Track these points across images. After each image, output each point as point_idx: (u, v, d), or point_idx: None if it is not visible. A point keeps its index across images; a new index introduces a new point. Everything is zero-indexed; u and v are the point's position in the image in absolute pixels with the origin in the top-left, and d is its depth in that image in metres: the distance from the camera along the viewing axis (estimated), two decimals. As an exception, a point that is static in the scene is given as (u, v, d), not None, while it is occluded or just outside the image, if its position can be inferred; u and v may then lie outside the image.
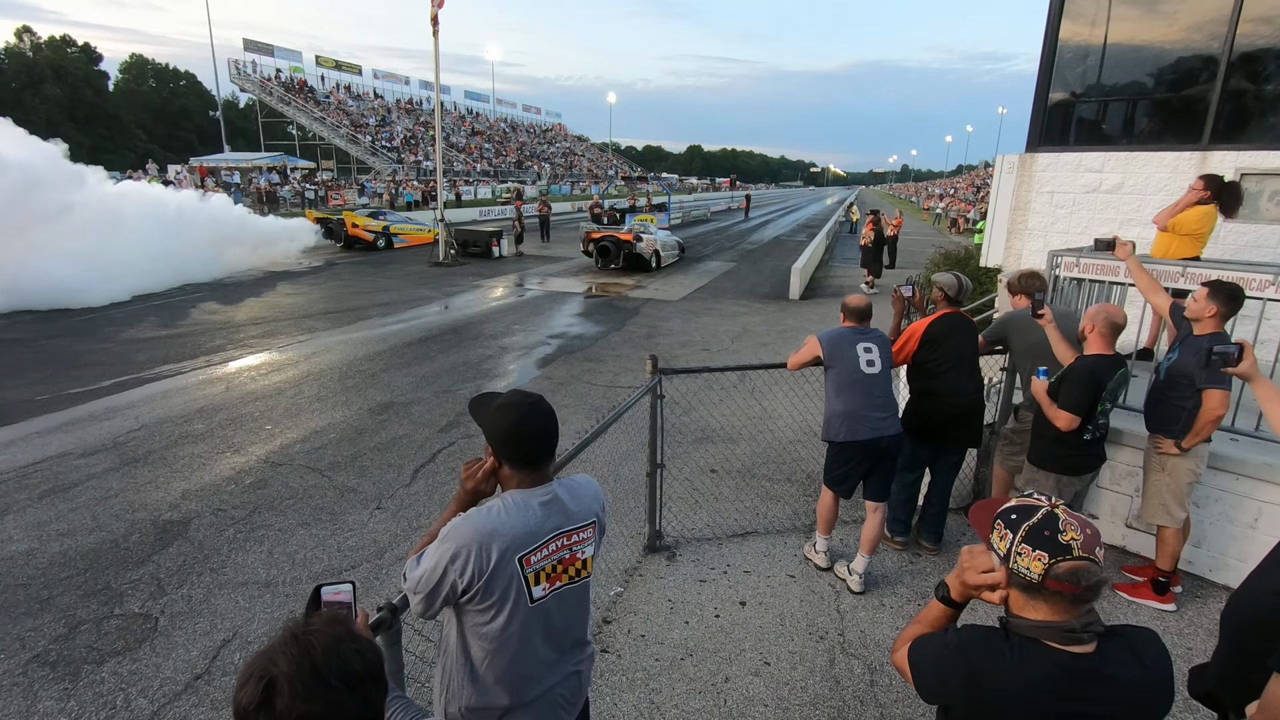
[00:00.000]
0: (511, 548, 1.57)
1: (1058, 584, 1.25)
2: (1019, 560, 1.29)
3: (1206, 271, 4.09)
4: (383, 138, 48.11)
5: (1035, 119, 6.79)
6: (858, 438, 3.76)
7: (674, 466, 5.12)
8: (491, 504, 1.64)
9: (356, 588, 1.45)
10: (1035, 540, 1.27)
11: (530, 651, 1.66)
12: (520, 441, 1.63)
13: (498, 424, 1.64)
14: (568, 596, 1.71)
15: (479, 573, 1.54)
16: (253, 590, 3.94)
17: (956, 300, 4.14)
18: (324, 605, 1.39)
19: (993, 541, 1.35)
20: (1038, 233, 6.78)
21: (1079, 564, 1.25)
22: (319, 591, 1.40)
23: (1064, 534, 1.26)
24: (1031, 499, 1.34)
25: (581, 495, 1.73)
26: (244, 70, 46.70)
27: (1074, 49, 6.61)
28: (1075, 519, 1.29)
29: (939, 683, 1.39)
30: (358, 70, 56.19)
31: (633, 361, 9.00)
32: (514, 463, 1.65)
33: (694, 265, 19.53)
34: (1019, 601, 1.33)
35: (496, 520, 1.58)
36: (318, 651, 0.99)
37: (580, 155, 78.08)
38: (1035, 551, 1.26)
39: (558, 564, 1.65)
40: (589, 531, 1.72)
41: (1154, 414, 3.68)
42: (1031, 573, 1.27)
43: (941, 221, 41.35)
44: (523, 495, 1.64)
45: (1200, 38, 6.01)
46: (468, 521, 1.58)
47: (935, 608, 1.52)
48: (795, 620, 3.67)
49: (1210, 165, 5.66)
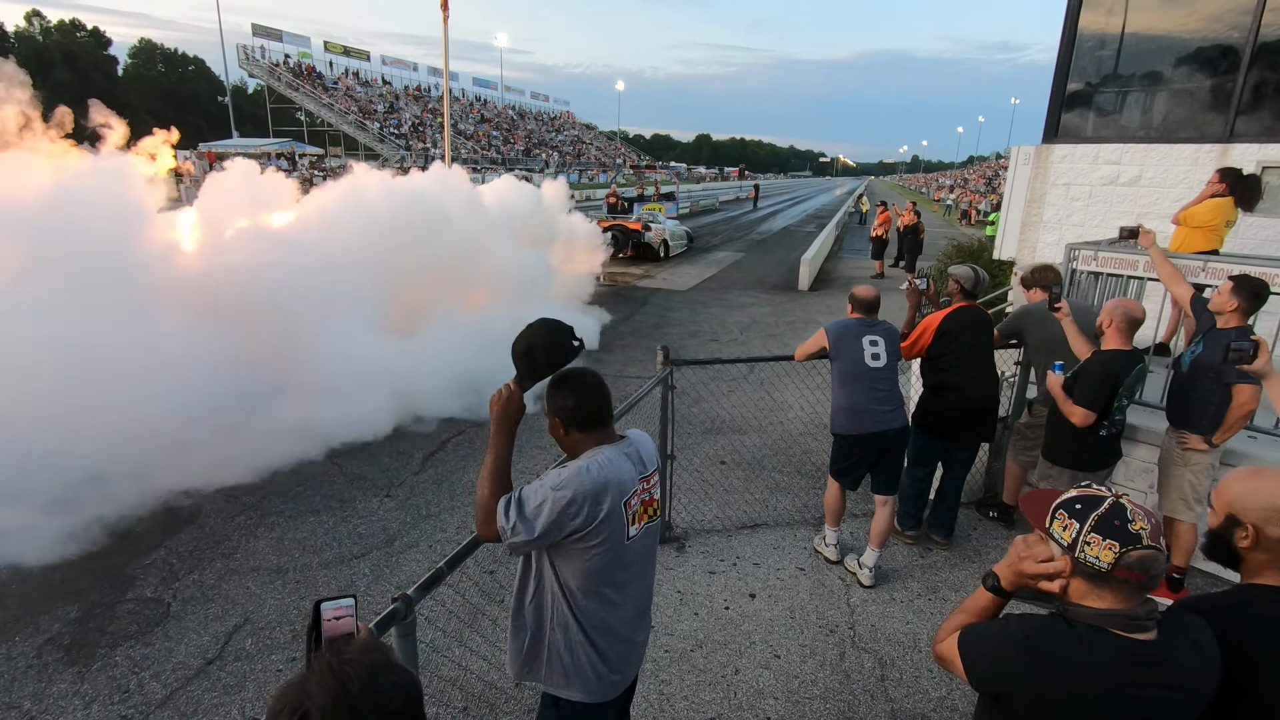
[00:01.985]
0: (617, 495, 1.77)
1: (1128, 572, 1.26)
2: (1087, 549, 1.29)
3: (1228, 266, 4.04)
4: (390, 124, 48.03)
5: (1052, 110, 6.70)
6: (862, 431, 3.75)
7: (683, 458, 5.10)
8: (596, 458, 1.80)
9: (357, 602, 1.44)
10: (1105, 529, 1.28)
11: (615, 582, 1.86)
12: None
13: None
14: (649, 533, 1.95)
15: (592, 517, 1.72)
16: (263, 576, 3.96)
17: (972, 294, 4.09)
18: (324, 622, 1.34)
19: (1054, 531, 1.35)
20: (1053, 225, 6.71)
21: (1148, 552, 1.26)
22: (319, 607, 1.35)
23: (1133, 523, 1.27)
24: (1092, 489, 1.35)
25: (648, 445, 1.98)
26: (253, 56, 46.64)
27: (1093, 38, 6.51)
28: (1141, 509, 1.30)
29: (999, 671, 1.39)
30: (366, 56, 56.05)
31: (640, 351, 8.97)
32: (587, 425, 1.84)
33: (702, 255, 19.46)
34: (1081, 590, 1.33)
35: (607, 473, 1.77)
36: (354, 684, 0.95)
37: (588, 143, 77.77)
38: (1106, 540, 1.27)
39: (642, 505, 1.88)
40: (656, 476, 1.96)
41: (1177, 408, 3.63)
42: (1101, 561, 1.27)
43: (952, 213, 41.06)
44: (615, 450, 1.84)
45: (1222, 27, 5.90)
46: (583, 474, 1.74)
47: (982, 597, 1.52)
48: (805, 613, 3.67)
49: (1231, 158, 5.58)
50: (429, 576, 1.93)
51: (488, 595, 3.69)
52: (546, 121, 75.39)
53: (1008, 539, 4.45)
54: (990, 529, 4.58)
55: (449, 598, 3.52)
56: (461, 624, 3.43)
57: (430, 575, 1.94)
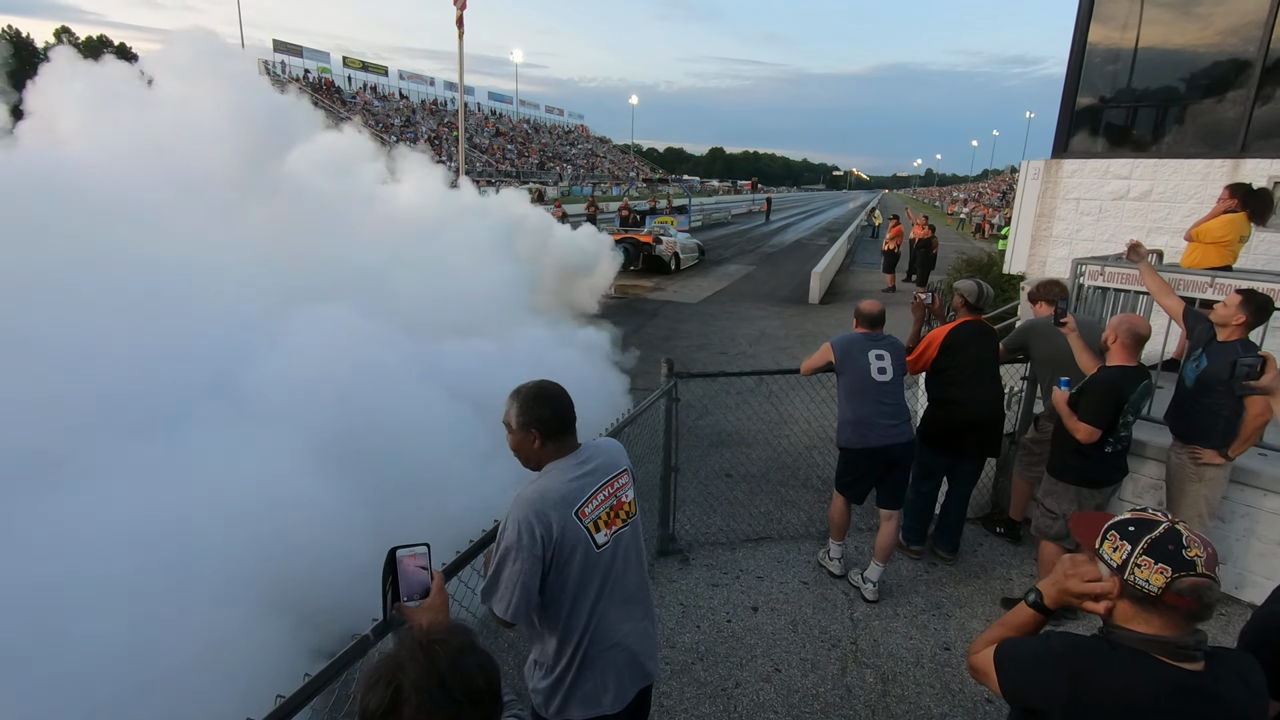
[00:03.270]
0: (563, 504, 1.75)
1: (1178, 599, 1.24)
2: (1137, 572, 1.27)
3: (1235, 282, 4.01)
4: (407, 138, 48.66)
5: (1062, 124, 6.69)
6: (868, 445, 3.74)
7: (688, 470, 5.11)
8: (537, 479, 1.82)
9: (431, 548, 1.52)
10: (1158, 554, 1.26)
11: (601, 595, 1.84)
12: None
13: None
14: (625, 539, 1.92)
15: (547, 534, 1.71)
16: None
17: (977, 307, 4.09)
18: (399, 566, 1.47)
19: (1104, 552, 1.34)
20: (1063, 240, 6.68)
21: (1201, 580, 1.23)
22: (394, 554, 1.47)
23: (1188, 550, 1.25)
24: (1148, 513, 1.33)
25: (608, 448, 1.97)
26: (274, 71, 47.52)
27: (1103, 53, 6.51)
28: (1198, 536, 1.28)
29: (1035, 686, 1.38)
30: (384, 71, 56.95)
31: (650, 364, 8.97)
32: (551, 435, 1.82)
33: (714, 268, 19.50)
34: (1128, 613, 1.31)
35: (541, 485, 1.78)
36: (443, 662, 1.02)
37: (602, 157, 78.32)
38: (1157, 564, 1.25)
39: (610, 510, 1.86)
40: (625, 477, 1.94)
41: (1184, 423, 3.60)
42: (1151, 585, 1.25)
43: (966, 227, 40.88)
44: (561, 462, 1.84)
45: (1235, 42, 5.88)
46: (517, 502, 1.75)
47: (1024, 613, 1.51)
48: (808, 627, 3.65)
49: (1243, 173, 5.54)
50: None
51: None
52: (561, 135, 76.08)
53: (1014, 555, 4.41)
54: (996, 545, 4.54)
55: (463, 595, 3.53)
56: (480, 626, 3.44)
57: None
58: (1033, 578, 4.04)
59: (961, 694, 3.18)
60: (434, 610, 1.51)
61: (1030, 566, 4.21)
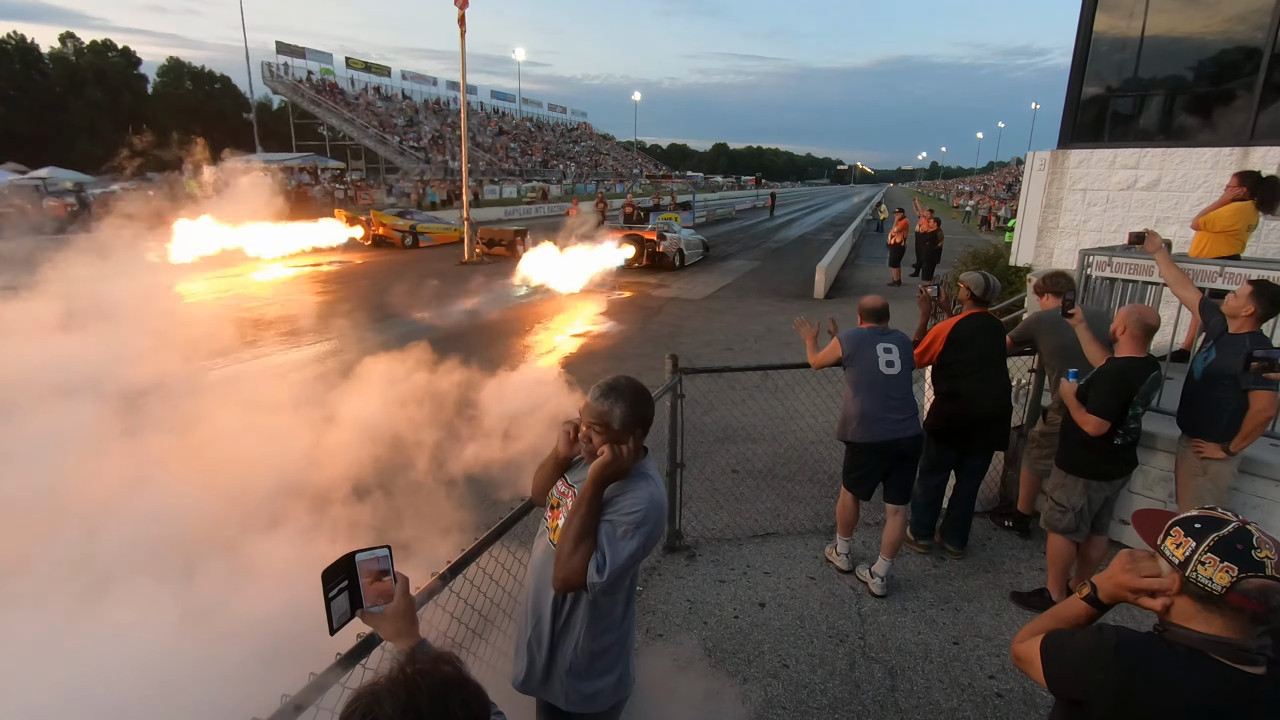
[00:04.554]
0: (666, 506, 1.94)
1: (1243, 599, 1.20)
2: (1200, 569, 1.23)
3: (1245, 271, 3.97)
4: (410, 138, 48.73)
5: (1068, 114, 6.64)
6: (874, 439, 3.71)
7: (694, 466, 5.10)
8: (650, 476, 1.86)
9: (392, 550, 1.43)
10: (1225, 552, 1.22)
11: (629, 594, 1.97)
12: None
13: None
14: None
15: (656, 538, 1.87)
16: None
17: (983, 300, 4.06)
18: (359, 570, 1.37)
19: (1165, 548, 1.30)
20: (1069, 231, 6.63)
21: (1270, 583, 1.19)
22: (353, 558, 1.37)
23: (1259, 550, 1.20)
24: (1218, 512, 1.29)
25: None
26: (277, 73, 47.67)
27: (1109, 42, 6.45)
28: (1269, 538, 1.23)
29: (1083, 678, 1.34)
30: (387, 72, 56.99)
31: (655, 360, 8.96)
32: (645, 433, 1.87)
33: (718, 264, 19.45)
34: (1188, 612, 1.27)
35: (662, 488, 1.87)
36: (424, 698, 0.96)
37: (605, 154, 78.24)
38: (1223, 563, 1.21)
39: None
40: None
41: (1190, 416, 3.57)
42: (1215, 584, 1.21)
43: (972, 219, 40.67)
44: (654, 463, 1.94)
45: (1243, 29, 5.82)
46: (653, 499, 1.80)
47: (1076, 605, 1.48)
48: (815, 623, 3.64)
49: (1252, 161, 5.48)
50: (430, 584, 1.95)
51: (496, 604, 3.70)
52: (564, 133, 76.02)
53: (1023, 549, 4.38)
54: (1005, 538, 4.51)
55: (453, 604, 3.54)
56: (469, 632, 3.44)
57: (434, 581, 1.96)
58: (1042, 571, 4.02)
59: (971, 688, 3.16)
60: (399, 617, 1.42)
61: (1039, 560, 4.18)
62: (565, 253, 14.38)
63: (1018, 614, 3.71)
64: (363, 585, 1.38)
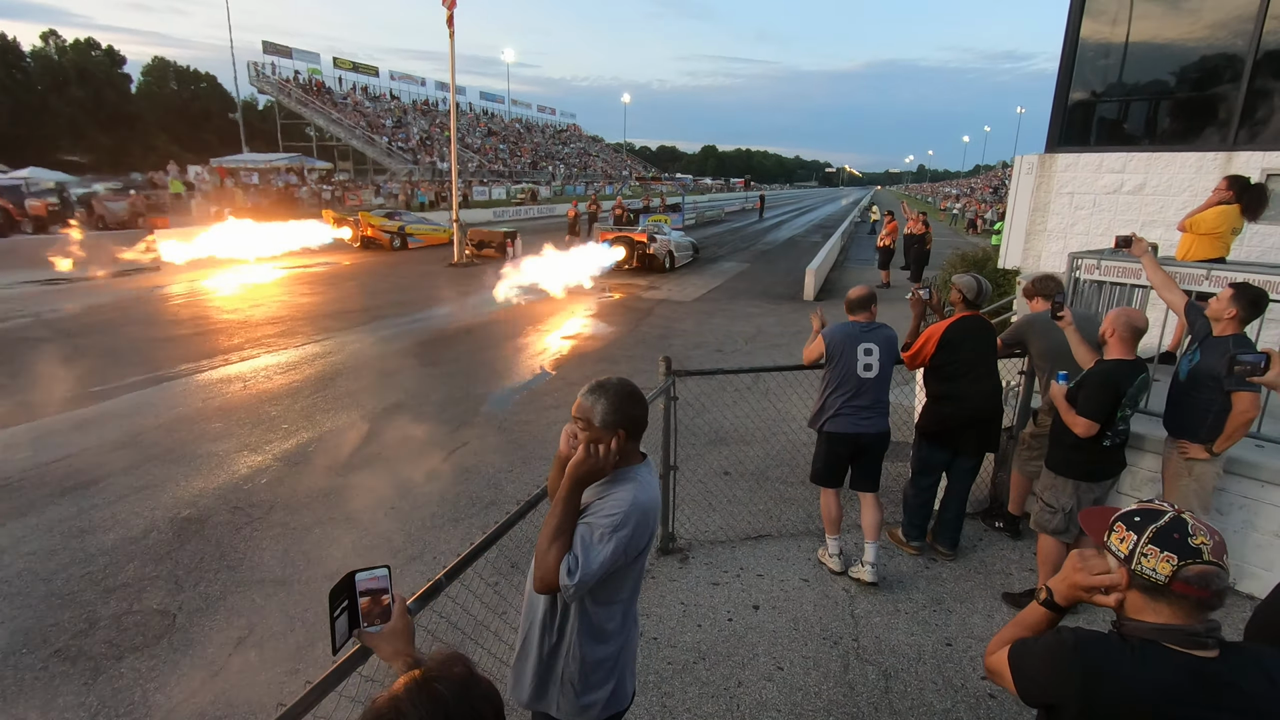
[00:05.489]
0: (657, 513, 1.83)
1: (1186, 587, 1.24)
2: (1144, 561, 1.28)
3: (1231, 274, 4.02)
4: (399, 139, 48.45)
5: (1055, 119, 6.70)
6: (837, 430, 3.89)
7: (687, 468, 5.10)
8: (635, 479, 1.80)
9: (391, 571, 1.44)
10: (1163, 542, 1.26)
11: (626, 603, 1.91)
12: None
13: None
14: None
15: (642, 542, 1.77)
16: (269, 588, 3.98)
17: (975, 303, 4.09)
18: (359, 591, 1.38)
19: (1110, 544, 1.34)
20: (1057, 234, 6.69)
21: (1208, 568, 1.24)
22: (353, 577, 1.38)
23: (1194, 538, 1.25)
24: (1154, 504, 1.34)
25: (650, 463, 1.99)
26: (263, 72, 47.19)
27: (1095, 47, 6.52)
28: (1204, 524, 1.28)
29: (1049, 683, 1.37)
30: (375, 72, 56.62)
31: (646, 362, 8.98)
32: (636, 436, 1.83)
33: (708, 266, 19.49)
34: (1138, 604, 1.31)
35: (650, 492, 1.81)
36: (449, 703, 0.94)
37: (594, 155, 78.18)
38: (1163, 553, 1.26)
39: None
40: None
41: (1176, 417, 3.61)
42: (1158, 574, 1.26)
43: (959, 222, 40.98)
44: (647, 466, 1.88)
45: (1225, 35, 5.90)
46: (636, 503, 1.74)
47: (1035, 611, 1.50)
48: (809, 625, 3.65)
49: (1235, 166, 5.56)
50: (427, 588, 1.94)
51: (491, 609, 3.69)
52: (553, 134, 75.88)
53: (1014, 550, 4.42)
54: (996, 540, 4.54)
55: (450, 610, 3.52)
56: (465, 637, 3.42)
57: (429, 586, 1.95)
58: (1032, 572, 4.05)
59: (965, 689, 3.18)
60: (397, 637, 1.41)
61: (1030, 561, 4.22)
62: (557, 255, 14.37)
63: (1009, 615, 3.74)
64: (361, 605, 1.38)
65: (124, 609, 3.77)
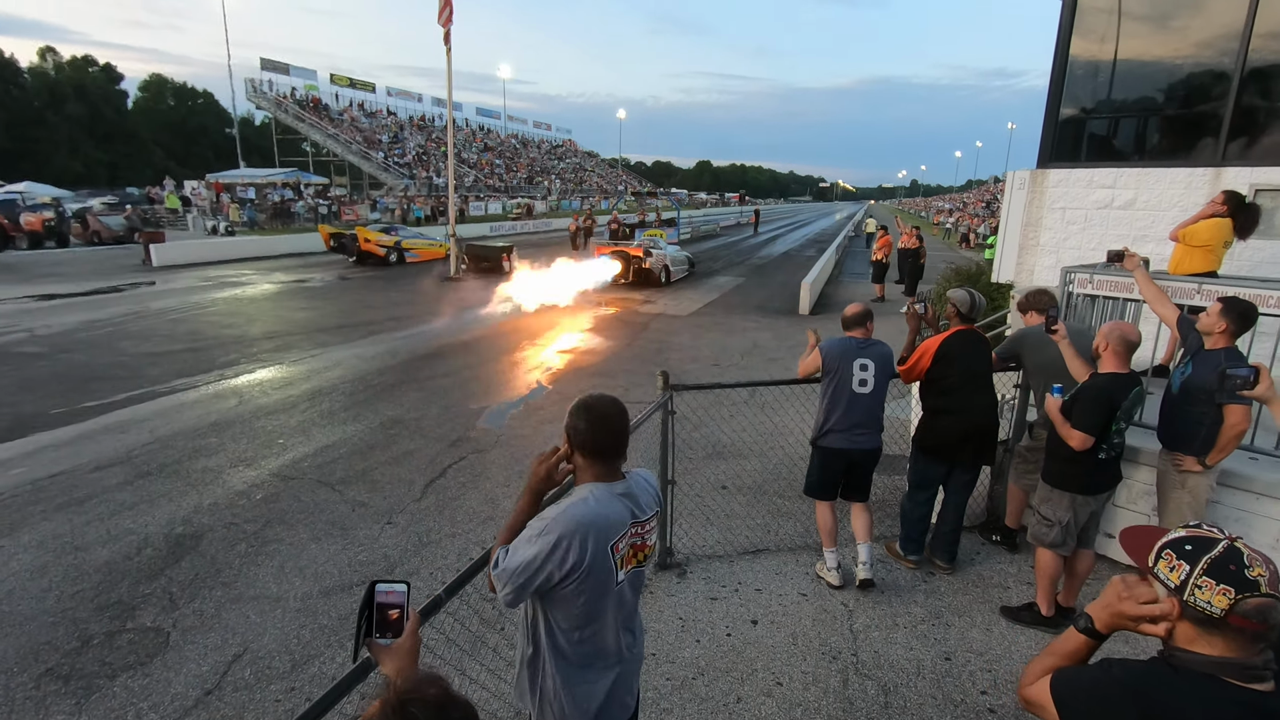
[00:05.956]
0: (605, 536, 1.73)
1: (1243, 621, 1.20)
2: (1198, 593, 1.23)
3: (1222, 289, 4.06)
4: (395, 154, 48.65)
5: (1046, 135, 6.79)
6: (832, 445, 3.97)
7: (684, 483, 5.09)
8: (583, 496, 1.77)
9: (410, 588, 1.46)
10: (1219, 574, 1.21)
11: (607, 628, 1.84)
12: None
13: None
14: (635, 578, 1.90)
15: (579, 561, 1.68)
16: (264, 604, 3.94)
17: (969, 317, 4.12)
18: (377, 604, 1.41)
19: (1159, 571, 1.30)
20: (1049, 249, 6.75)
21: (1266, 600, 1.19)
22: (373, 588, 1.42)
23: (1250, 569, 1.21)
24: (1203, 530, 1.29)
25: (647, 488, 1.91)
26: (260, 88, 47.44)
27: (1084, 65, 6.62)
28: (1258, 554, 1.24)
29: (1100, 718, 1.32)
30: (371, 88, 56.96)
31: (642, 376, 8.99)
32: (591, 454, 1.80)
33: (704, 280, 19.56)
34: (1189, 635, 1.26)
35: (593, 512, 1.73)
36: None
37: (590, 171, 78.63)
38: (1219, 585, 1.21)
39: (630, 550, 1.82)
40: (653, 521, 1.90)
41: (1170, 430, 3.64)
42: (1214, 607, 1.21)
43: (952, 236, 41.27)
44: (607, 488, 1.79)
45: (1212, 54, 6.00)
46: (567, 514, 1.71)
47: (1073, 639, 1.45)
48: (808, 639, 3.64)
49: (1224, 182, 5.63)
50: (428, 603, 1.94)
51: (488, 623, 3.67)
52: (549, 150, 76.33)
53: (1011, 563, 4.42)
54: (993, 553, 4.55)
55: (449, 625, 3.50)
56: (462, 653, 3.40)
57: (429, 602, 1.94)
58: (1030, 586, 4.05)
59: (964, 704, 3.17)
60: (402, 654, 1.41)
61: (1028, 574, 4.22)
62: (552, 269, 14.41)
63: (1008, 629, 3.73)
64: (376, 617, 1.41)
65: (117, 627, 3.73)
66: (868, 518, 4.11)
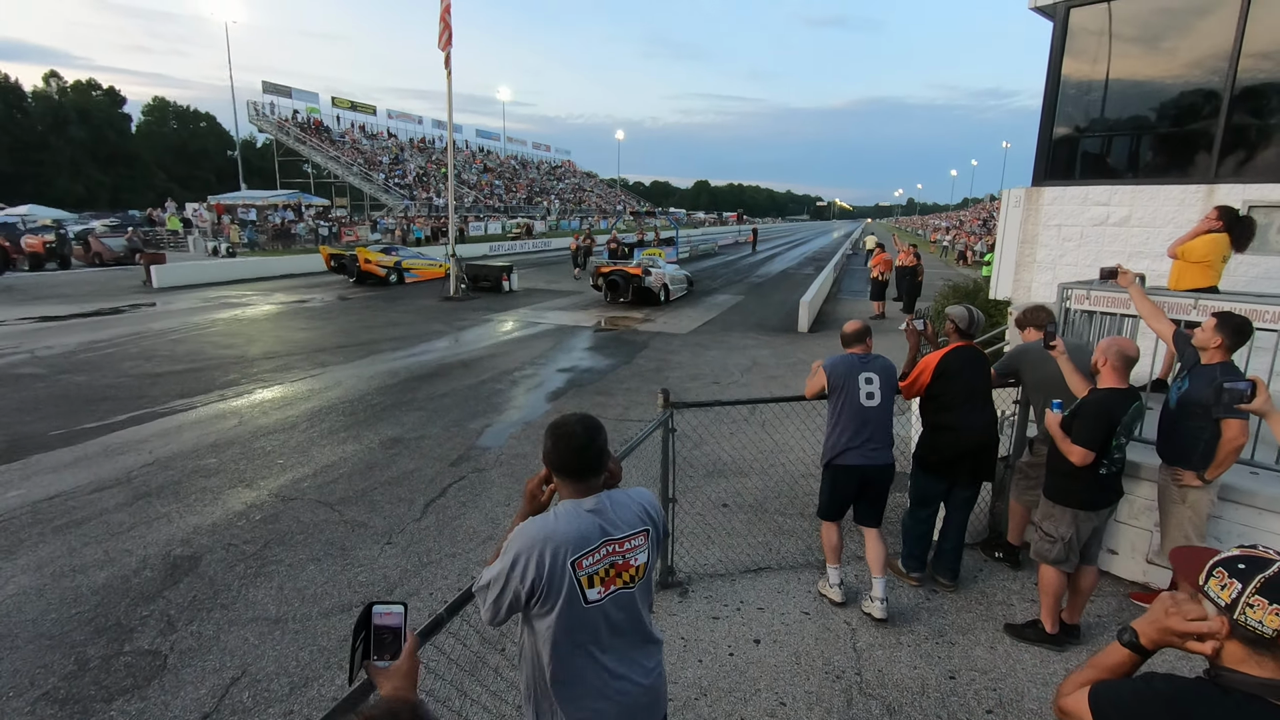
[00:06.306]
0: (562, 551, 1.70)
1: None
2: (1249, 613, 1.21)
3: (1219, 304, 4.09)
4: (395, 175, 49.04)
5: (1040, 153, 6.86)
6: (845, 463, 3.91)
7: (685, 501, 5.08)
8: (546, 514, 1.80)
9: (408, 609, 1.46)
10: (1273, 594, 1.19)
11: (590, 650, 1.78)
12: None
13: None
14: (622, 601, 1.82)
15: (538, 577, 1.68)
16: (262, 626, 3.91)
17: (968, 333, 4.14)
18: (374, 626, 1.41)
19: (1210, 589, 1.28)
20: (1046, 265, 6.79)
21: None
22: (370, 610, 1.42)
23: None
24: (1259, 550, 1.28)
25: (630, 506, 1.85)
26: (262, 111, 47.97)
27: (1077, 85, 6.71)
28: None
29: None
30: (372, 110, 57.59)
31: (642, 395, 8.99)
32: (560, 473, 1.80)
33: (702, 299, 19.62)
34: (1238, 655, 1.24)
35: (549, 526, 1.73)
36: None
37: (589, 191, 79.20)
38: (1272, 605, 1.19)
39: (610, 569, 1.77)
40: (639, 539, 1.83)
41: (1168, 445, 3.64)
42: (1266, 627, 1.19)
43: (949, 254, 41.48)
44: (572, 504, 1.79)
45: (1201, 73, 6.09)
46: (523, 530, 1.73)
47: (1116, 653, 1.42)
48: (811, 659, 3.61)
49: (1217, 198, 5.69)
50: (429, 624, 1.93)
51: (490, 643, 3.64)
52: (548, 170, 76.96)
53: (1015, 580, 4.39)
54: (996, 570, 4.52)
55: (450, 646, 3.47)
56: (463, 673, 3.37)
57: (430, 622, 1.93)
58: (1034, 603, 4.02)
59: (969, 724, 3.14)
60: (400, 676, 1.39)
61: (1031, 591, 4.19)
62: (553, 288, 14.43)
63: (1012, 646, 3.70)
64: (373, 639, 1.41)
65: (114, 650, 3.70)
66: (883, 549, 3.98)
